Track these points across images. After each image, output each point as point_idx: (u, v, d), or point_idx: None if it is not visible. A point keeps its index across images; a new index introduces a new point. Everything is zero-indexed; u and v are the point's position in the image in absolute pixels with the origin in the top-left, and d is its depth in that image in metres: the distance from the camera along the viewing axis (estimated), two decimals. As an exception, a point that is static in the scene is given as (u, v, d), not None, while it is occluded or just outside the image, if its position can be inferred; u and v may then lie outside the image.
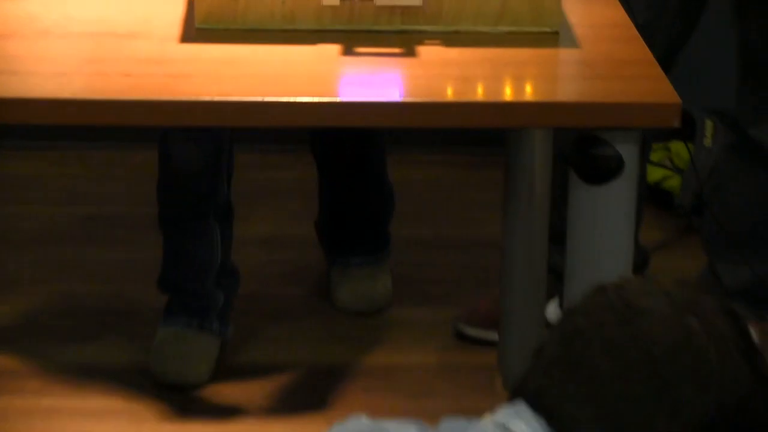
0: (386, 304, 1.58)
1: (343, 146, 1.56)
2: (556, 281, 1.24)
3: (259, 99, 0.80)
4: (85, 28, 0.95)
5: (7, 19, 0.93)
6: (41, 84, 0.84)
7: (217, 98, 0.80)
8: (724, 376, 0.45)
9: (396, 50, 0.89)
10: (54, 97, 0.80)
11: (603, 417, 0.45)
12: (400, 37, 0.92)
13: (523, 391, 0.49)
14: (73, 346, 1.52)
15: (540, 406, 0.47)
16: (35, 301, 1.64)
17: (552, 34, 0.92)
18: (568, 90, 0.94)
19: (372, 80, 0.86)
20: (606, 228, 0.85)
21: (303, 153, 1.67)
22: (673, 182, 1.82)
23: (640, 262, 1.40)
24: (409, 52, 0.89)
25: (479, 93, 0.85)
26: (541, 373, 0.48)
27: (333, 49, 0.88)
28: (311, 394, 1.41)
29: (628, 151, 0.82)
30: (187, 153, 1.39)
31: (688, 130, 1.67)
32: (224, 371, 1.45)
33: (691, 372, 0.45)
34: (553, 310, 1.43)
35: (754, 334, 0.61)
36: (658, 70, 0.87)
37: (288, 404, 1.40)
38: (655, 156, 1.80)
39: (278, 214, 1.90)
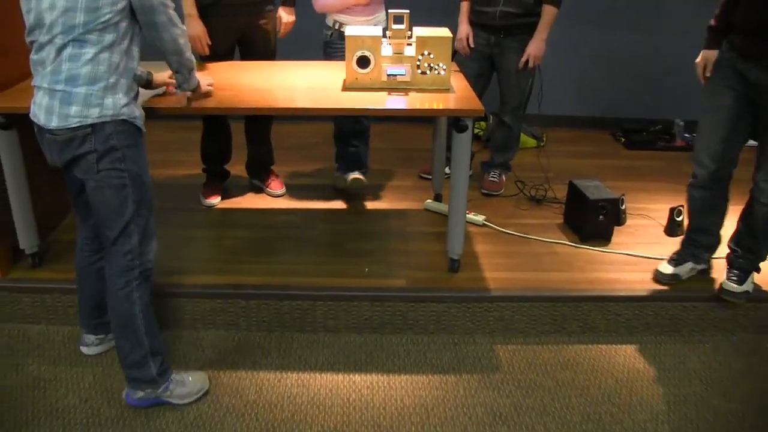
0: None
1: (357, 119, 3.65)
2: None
3: (366, 107, 2.84)
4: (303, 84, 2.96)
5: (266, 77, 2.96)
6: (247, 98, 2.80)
7: (350, 107, 2.84)
8: None
9: (402, 93, 2.93)
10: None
11: None
12: (404, 90, 2.91)
13: None
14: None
15: None
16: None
17: (447, 90, 3.00)
18: (453, 104, 2.87)
19: (396, 101, 2.89)
20: (461, 147, 2.91)
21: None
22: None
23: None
24: (406, 94, 2.91)
25: (428, 105, 2.87)
26: None
27: (385, 93, 2.92)
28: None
29: (468, 123, 2.88)
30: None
31: (485, 117, 3.87)
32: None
33: None
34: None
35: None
36: (477, 101, 2.93)
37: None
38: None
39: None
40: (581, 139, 4.94)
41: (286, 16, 3.62)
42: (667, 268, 3.08)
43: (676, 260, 3.09)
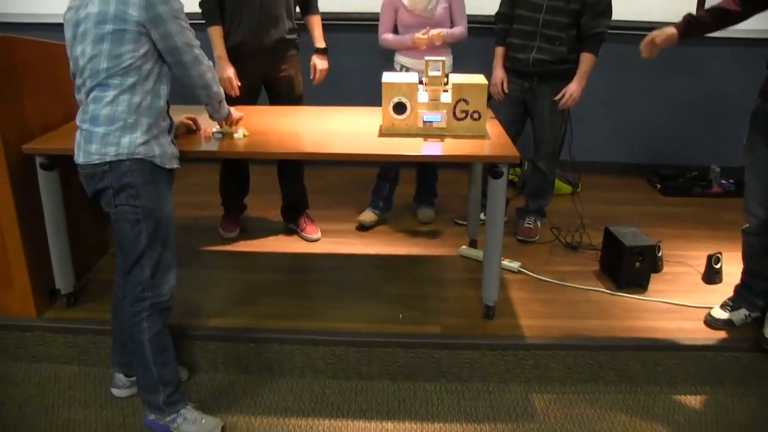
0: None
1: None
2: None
3: (402, 153, 2.85)
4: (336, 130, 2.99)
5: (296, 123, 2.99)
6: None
7: (387, 153, 2.85)
8: None
9: (438, 140, 2.95)
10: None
11: None
12: (439, 137, 2.92)
13: None
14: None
15: None
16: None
17: (482, 136, 3.00)
18: (488, 151, 2.88)
19: (432, 147, 2.90)
20: (496, 193, 2.91)
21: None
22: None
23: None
24: (442, 141, 2.91)
25: (464, 152, 2.88)
26: None
27: (421, 139, 2.93)
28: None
29: (504, 170, 2.86)
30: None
31: (520, 163, 3.88)
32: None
33: None
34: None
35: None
36: (512, 147, 2.92)
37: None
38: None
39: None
40: (617, 186, 4.91)
41: (320, 63, 3.68)
42: (721, 314, 3.02)
43: (730, 306, 3.03)
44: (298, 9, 3.66)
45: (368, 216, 4.11)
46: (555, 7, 3.49)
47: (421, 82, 3.01)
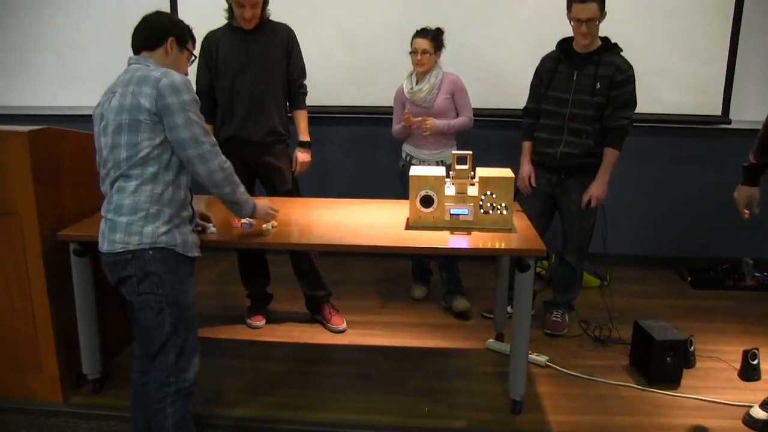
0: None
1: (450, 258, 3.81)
2: None
3: (428, 246, 2.89)
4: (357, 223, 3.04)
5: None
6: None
7: (414, 245, 2.89)
8: None
9: (464, 233, 2.98)
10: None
11: None
12: (466, 230, 2.95)
13: None
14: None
15: None
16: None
17: (509, 229, 3.04)
18: (515, 244, 2.89)
19: (458, 241, 2.92)
20: (523, 286, 2.92)
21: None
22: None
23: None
24: (469, 234, 2.94)
25: (491, 245, 2.92)
26: None
27: (447, 233, 2.98)
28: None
29: (531, 263, 2.88)
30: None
31: (547, 256, 3.91)
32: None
33: None
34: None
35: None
36: (539, 240, 2.93)
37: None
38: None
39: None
40: (646, 279, 4.87)
41: (301, 155, 3.78)
42: (761, 414, 2.94)
43: None
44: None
45: (419, 290, 4.33)
46: (581, 100, 3.57)
47: (448, 176, 3.06)
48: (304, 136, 3.78)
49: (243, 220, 2.92)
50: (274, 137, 3.68)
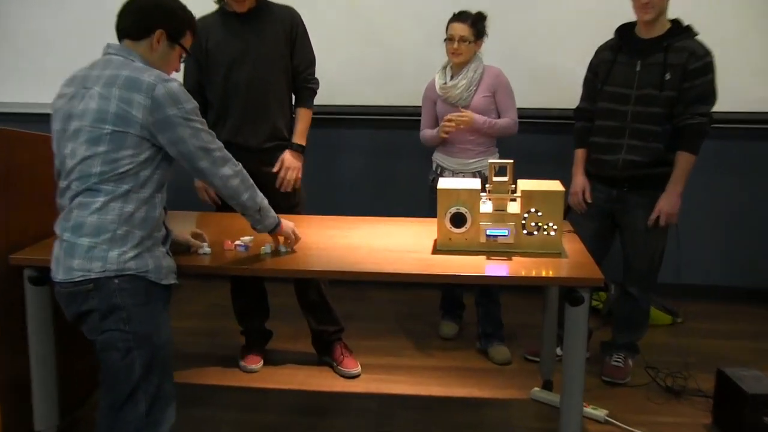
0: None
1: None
2: None
3: (460, 273, 2.83)
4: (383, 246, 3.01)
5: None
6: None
7: (444, 273, 2.84)
8: None
9: (504, 258, 2.91)
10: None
11: None
12: (506, 254, 2.89)
13: None
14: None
15: None
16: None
17: (558, 254, 2.97)
18: (564, 273, 2.81)
19: (496, 268, 2.87)
20: (575, 323, 2.85)
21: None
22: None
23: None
24: (509, 259, 2.87)
25: (535, 273, 2.82)
26: None
27: (483, 257, 2.92)
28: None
29: (585, 295, 2.80)
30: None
31: (605, 287, 3.83)
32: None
33: None
34: None
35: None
36: (595, 267, 2.83)
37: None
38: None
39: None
40: (730, 315, 4.78)
41: (289, 159, 3.69)
42: None
43: None
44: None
45: (449, 328, 4.32)
46: (647, 96, 3.51)
47: (484, 189, 3.02)
48: (300, 139, 3.74)
49: (237, 242, 2.90)
50: (276, 143, 3.68)
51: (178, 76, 2.62)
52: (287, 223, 2.81)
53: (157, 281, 2.40)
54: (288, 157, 3.70)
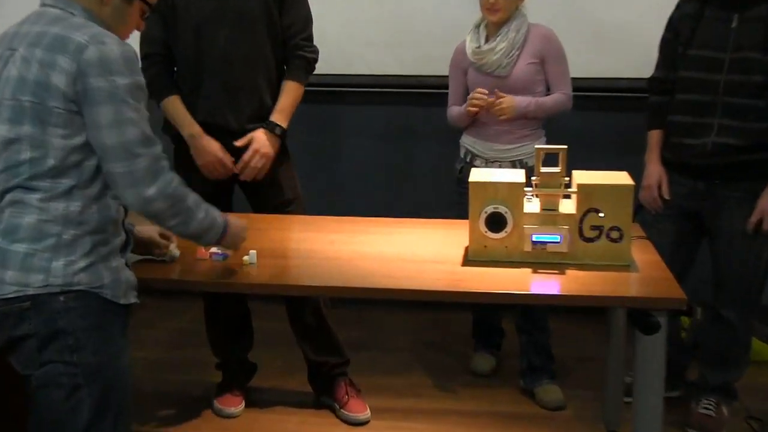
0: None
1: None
2: None
3: (497, 291, 2.78)
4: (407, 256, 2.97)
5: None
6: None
7: (477, 290, 2.79)
8: None
9: (554, 271, 2.86)
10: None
11: None
12: (557, 266, 2.85)
13: None
14: None
15: None
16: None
17: (626, 266, 2.90)
18: (634, 291, 2.77)
19: (545, 284, 2.81)
20: (649, 357, 2.78)
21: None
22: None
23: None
24: (561, 273, 2.83)
25: (596, 291, 2.75)
26: None
27: (528, 270, 2.86)
28: None
29: (661, 320, 2.71)
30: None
31: (689, 310, 3.84)
32: None
33: None
34: None
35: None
36: (675, 283, 2.75)
37: None
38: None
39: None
40: None
41: (259, 141, 3.62)
42: None
43: None
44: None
45: (483, 361, 4.32)
46: (745, 61, 3.47)
47: (529, 184, 2.98)
48: (280, 117, 3.67)
49: (213, 249, 2.88)
50: (266, 127, 3.65)
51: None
52: (235, 224, 2.70)
53: (113, 299, 2.36)
54: (260, 137, 3.63)
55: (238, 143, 3.61)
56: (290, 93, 3.70)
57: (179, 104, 3.60)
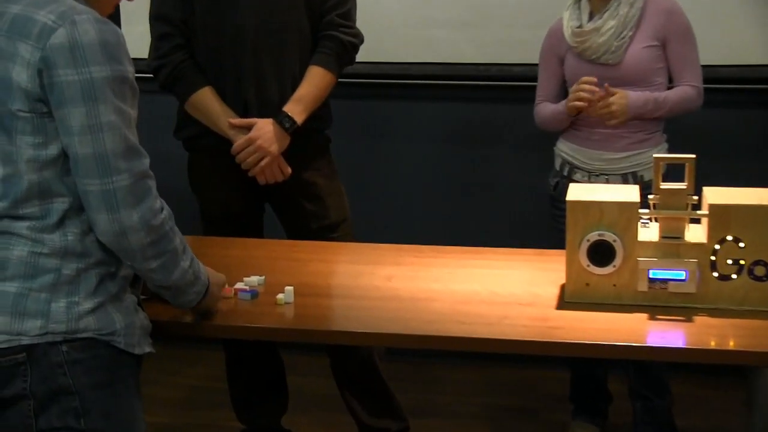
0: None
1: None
2: None
3: (603, 342, 2.72)
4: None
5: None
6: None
7: (577, 341, 2.74)
8: None
9: (679, 317, 2.80)
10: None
11: None
12: (682, 310, 2.80)
13: None
14: None
15: None
16: None
17: (773, 311, 2.85)
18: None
19: (666, 334, 2.75)
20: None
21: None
22: None
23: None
24: (688, 320, 2.79)
25: (732, 344, 2.71)
26: None
27: (644, 316, 2.81)
28: None
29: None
30: None
31: None
32: None
33: None
34: None
35: None
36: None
37: None
38: None
39: None
40: None
41: (263, 128, 3.61)
42: None
43: None
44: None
45: None
46: None
47: (645, 204, 2.93)
48: (293, 107, 3.65)
49: (239, 284, 2.91)
50: (303, 126, 3.67)
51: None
52: (215, 282, 2.67)
53: (127, 349, 2.35)
54: (263, 126, 3.62)
55: (234, 122, 3.61)
56: (312, 80, 3.70)
57: (212, 96, 3.61)
